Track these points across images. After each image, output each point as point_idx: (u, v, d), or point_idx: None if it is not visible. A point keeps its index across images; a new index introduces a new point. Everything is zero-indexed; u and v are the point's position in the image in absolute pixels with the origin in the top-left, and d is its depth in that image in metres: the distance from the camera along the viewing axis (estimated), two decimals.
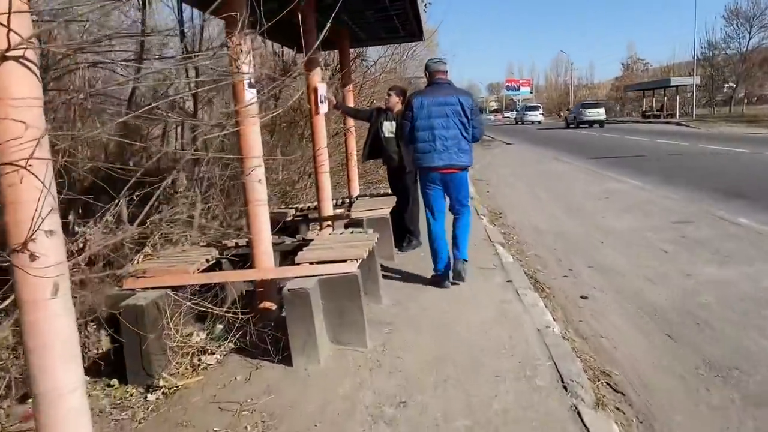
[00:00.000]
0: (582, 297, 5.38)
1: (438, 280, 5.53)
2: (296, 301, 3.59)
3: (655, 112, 49.25)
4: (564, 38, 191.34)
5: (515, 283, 5.46)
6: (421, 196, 5.87)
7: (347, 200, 7.67)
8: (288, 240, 5.11)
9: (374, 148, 7.01)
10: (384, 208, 6.47)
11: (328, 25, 3.84)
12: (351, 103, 8.88)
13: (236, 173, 5.33)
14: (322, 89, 6.51)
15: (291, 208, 7.36)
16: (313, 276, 3.86)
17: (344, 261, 3.96)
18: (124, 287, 4.00)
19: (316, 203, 6.83)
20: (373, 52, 12.00)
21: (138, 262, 4.30)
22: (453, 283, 5.45)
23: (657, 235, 7.51)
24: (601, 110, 41.78)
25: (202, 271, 4.32)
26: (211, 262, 4.56)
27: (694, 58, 44.82)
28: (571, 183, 12.98)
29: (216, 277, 4.10)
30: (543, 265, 6.54)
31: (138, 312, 3.67)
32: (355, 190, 8.93)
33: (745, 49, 50.37)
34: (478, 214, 9.30)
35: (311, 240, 4.84)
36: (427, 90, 5.58)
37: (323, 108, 6.53)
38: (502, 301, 4.96)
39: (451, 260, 5.55)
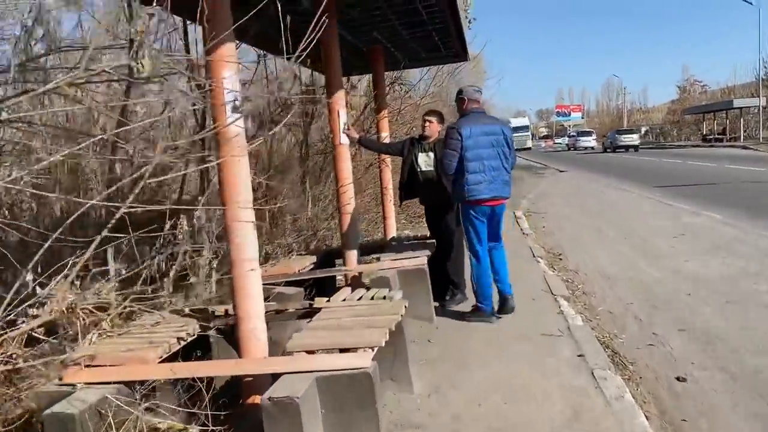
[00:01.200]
0: (678, 379, 4.08)
1: (482, 314, 5.22)
2: (280, 418, 2.47)
3: (717, 136, 46.65)
4: (615, 62, 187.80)
5: (589, 358, 4.21)
6: (467, 230, 5.22)
7: (381, 243, 6.55)
8: (292, 307, 4.02)
9: (410, 185, 5.92)
10: (421, 256, 5.33)
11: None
12: (386, 132, 7.84)
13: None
14: (343, 116, 5.48)
15: (313, 254, 6.29)
16: (311, 372, 2.74)
17: (355, 350, 2.84)
18: (63, 381, 2.98)
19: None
20: (413, 74, 10.99)
21: (90, 342, 3.29)
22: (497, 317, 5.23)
23: (761, 285, 6.11)
24: (635, 136, 46.45)
25: (175, 354, 3.29)
26: (190, 339, 3.51)
27: (759, 77, 42.28)
28: (637, 215, 11.53)
29: (182, 370, 3.01)
30: (620, 327, 5.25)
31: (67, 424, 2.62)
32: (392, 230, 7.83)
33: None
34: (534, 256, 8.05)
35: (320, 308, 3.73)
36: (470, 118, 5.13)
37: (344, 137, 5.49)
38: (576, 390, 3.71)
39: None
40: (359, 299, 3.90)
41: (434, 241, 5.89)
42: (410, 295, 4.97)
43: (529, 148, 60.78)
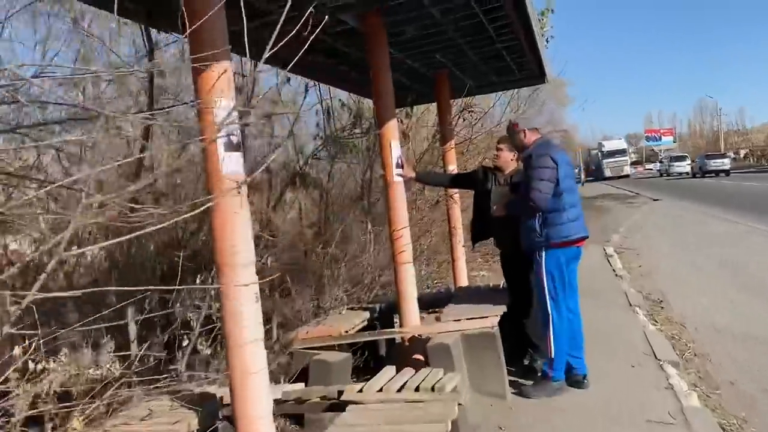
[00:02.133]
0: None
1: (551, 386, 4.23)
2: None
3: None
4: (707, 82, 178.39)
5: None
6: (550, 279, 4.22)
7: (447, 293, 5.65)
8: (316, 394, 3.20)
9: (482, 224, 5.03)
10: (491, 314, 4.39)
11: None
12: (453, 165, 6.99)
13: None
14: (396, 149, 4.69)
15: (370, 306, 5.46)
16: None
17: None
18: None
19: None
20: (487, 101, 10.08)
21: None
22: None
23: None
24: (726, 160, 43.44)
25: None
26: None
27: None
28: (750, 253, 9.92)
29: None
30: (747, 405, 4.10)
31: None
32: (462, 275, 6.91)
33: None
34: (630, 304, 6.90)
35: (348, 402, 2.89)
36: (551, 144, 4.52)
37: (398, 172, 4.69)
38: None
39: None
40: (401, 389, 3.02)
41: (509, 292, 4.94)
42: (477, 365, 4.08)
43: (627, 176, 54.69)
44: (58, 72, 2.47)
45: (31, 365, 3.56)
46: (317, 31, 2.62)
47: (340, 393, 3.07)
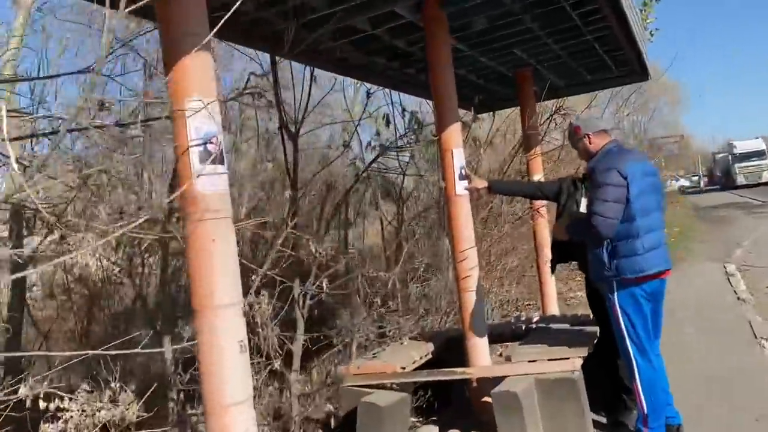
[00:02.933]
0: None
1: None
2: None
3: None
4: None
5: None
6: (629, 321, 3.37)
7: (527, 323, 4.89)
8: None
9: (565, 244, 4.25)
10: (574, 355, 3.63)
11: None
12: (539, 174, 6.22)
13: None
14: (460, 158, 4.05)
15: (438, 336, 4.82)
16: None
17: None
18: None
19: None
20: (579, 101, 9.11)
21: None
22: None
23: None
24: None
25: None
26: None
27: None
28: None
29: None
30: None
31: None
32: (551, 301, 6.11)
33: None
34: (756, 336, 5.80)
35: None
36: (616, 155, 3.46)
37: (463, 187, 4.05)
38: None
39: None
40: None
41: (596, 328, 4.13)
42: (554, 418, 3.35)
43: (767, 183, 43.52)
44: None
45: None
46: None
47: None
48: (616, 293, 3.34)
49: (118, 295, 6.26)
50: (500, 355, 5.86)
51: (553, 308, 6.14)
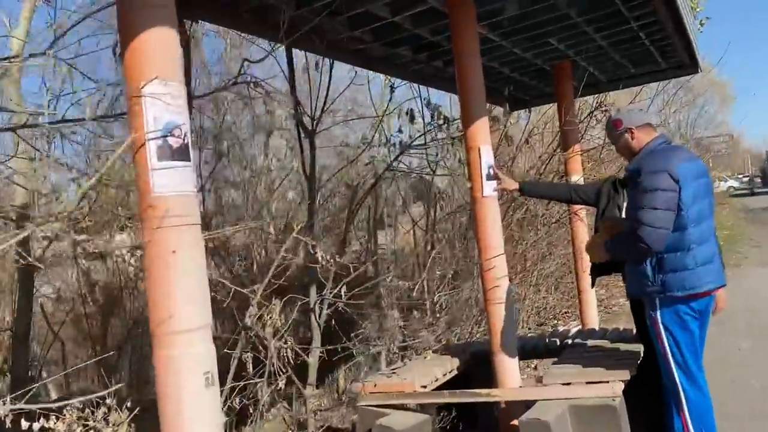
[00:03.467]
0: None
1: None
2: None
3: None
4: None
5: None
6: (675, 343, 2.93)
7: (563, 337, 4.46)
8: None
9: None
10: (614, 378, 3.21)
11: None
12: (578, 175, 5.78)
13: None
14: (488, 156, 3.68)
15: (465, 349, 4.44)
16: None
17: None
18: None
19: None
20: (622, 97, 8.55)
21: None
22: None
23: None
24: None
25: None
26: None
27: None
28: None
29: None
30: None
31: None
32: (590, 311, 5.66)
33: None
34: None
35: None
36: (674, 149, 3.05)
37: (491, 188, 3.67)
38: None
39: None
40: None
41: (641, 346, 3.68)
42: None
43: None
44: None
45: None
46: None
47: None
48: (659, 311, 2.91)
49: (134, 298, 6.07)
50: (535, 369, 5.46)
51: (593, 318, 5.68)
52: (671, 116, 10.43)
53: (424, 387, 3.65)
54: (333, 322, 4.61)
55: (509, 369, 3.63)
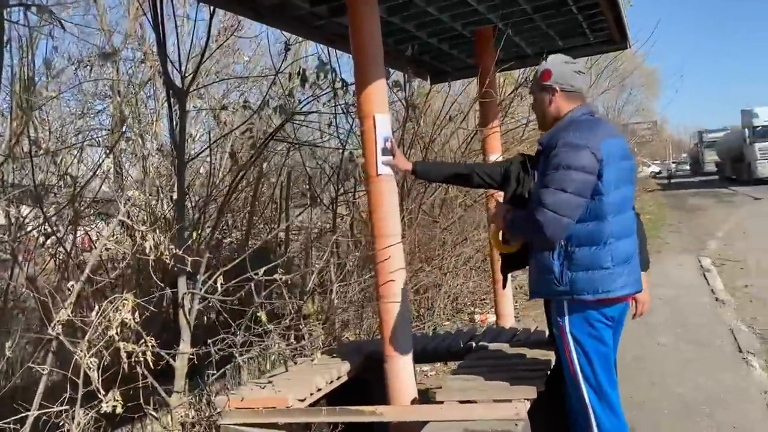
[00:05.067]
0: None
1: None
2: None
3: None
4: None
5: None
6: (587, 357, 2.43)
7: (464, 338, 3.95)
8: None
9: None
10: (518, 397, 2.69)
11: None
12: (497, 153, 5.28)
13: None
14: (384, 126, 3.09)
15: (359, 349, 3.86)
16: None
17: None
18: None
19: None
20: None
21: None
22: None
23: None
24: None
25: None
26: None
27: None
28: None
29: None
30: None
31: None
32: (506, 305, 5.21)
33: None
34: (740, 350, 5.01)
35: None
36: (599, 123, 2.50)
37: (385, 161, 3.09)
38: None
39: None
40: None
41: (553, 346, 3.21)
42: None
43: None
44: None
45: None
46: None
47: None
48: (567, 317, 2.41)
49: None
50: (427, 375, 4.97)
51: (508, 309, 5.22)
52: (598, 98, 10.14)
53: (302, 400, 3.07)
54: (219, 318, 3.97)
55: (403, 378, 3.09)
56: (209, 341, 3.35)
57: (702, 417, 3.75)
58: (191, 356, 3.69)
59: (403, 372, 3.11)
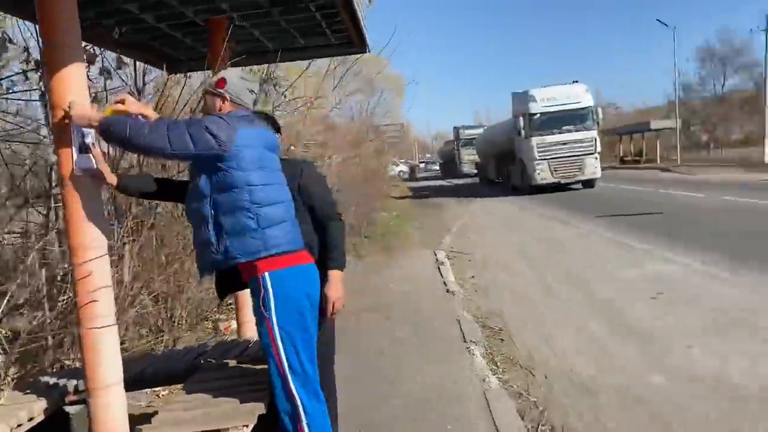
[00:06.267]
0: None
1: None
2: None
3: (634, 158, 46.62)
4: (527, 80, 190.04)
5: None
6: (291, 342, 2.49)
7: (192, 355, 3.60)
8: None
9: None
10: (236, 424, 2.44)
11: None
12: None
13: None
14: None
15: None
16: None
17: None
18: None
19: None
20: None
21: None
22: None
23: None
24: None
25: None
26: None
27: (676, 99, 41.89)
28: (592, 262, 8.64)
29: None
30: None
31: None
32: (248, 321, 4.94)
33: (721, 91, 50.11)
34: (465, 339, 5.38)
35: None
36: (246, 119, 2.60)
37: (86, 163, 2.62)
38: None
39: None
40: None
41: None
42: None
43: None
44: None
45: None
46: None
47: None
48: (270, 289, 2.48)
49: None
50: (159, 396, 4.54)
51: (249, 317, 4.95)
52: (346, 98, 10.41)
53: None
54: None
55: (111, 415, 2.65)
56: None
57: (430, 411, 3.90)
58: None
59: (112, 407, 2.67)
